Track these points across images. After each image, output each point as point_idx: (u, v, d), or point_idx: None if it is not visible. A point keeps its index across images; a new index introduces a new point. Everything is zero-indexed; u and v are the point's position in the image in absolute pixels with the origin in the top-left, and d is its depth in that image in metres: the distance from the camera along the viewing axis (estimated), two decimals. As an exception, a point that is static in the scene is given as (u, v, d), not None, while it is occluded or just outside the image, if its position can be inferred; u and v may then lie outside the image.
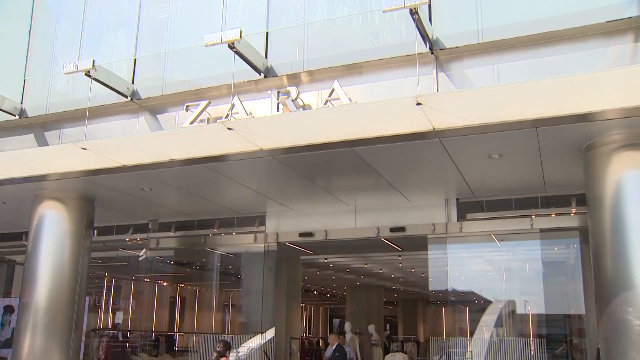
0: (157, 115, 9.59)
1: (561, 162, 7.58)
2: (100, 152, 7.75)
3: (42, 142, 10.14)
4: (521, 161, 7.73)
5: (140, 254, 12.33)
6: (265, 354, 10.39)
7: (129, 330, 16.47)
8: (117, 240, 12.47)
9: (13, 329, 13.26)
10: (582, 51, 6.93)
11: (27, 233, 9.89)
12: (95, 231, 11.33)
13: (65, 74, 8.55)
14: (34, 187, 9.32)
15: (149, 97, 9.44)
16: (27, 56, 10.43)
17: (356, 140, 6.95)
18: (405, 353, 15.22)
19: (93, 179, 8.81)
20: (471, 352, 9.54)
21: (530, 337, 9.45)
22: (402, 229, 9.82)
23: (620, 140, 6.57)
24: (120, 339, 15.49)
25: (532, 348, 9.02)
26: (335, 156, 7.63)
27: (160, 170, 8.23)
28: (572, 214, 8.93)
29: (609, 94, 5.90)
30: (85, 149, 7.54)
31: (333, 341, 12.94)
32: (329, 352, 13.06)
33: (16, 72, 10.48)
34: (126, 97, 9.41)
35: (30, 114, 10.11)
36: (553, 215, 9.08)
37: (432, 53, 7.66)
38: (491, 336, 9.79)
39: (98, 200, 9.93)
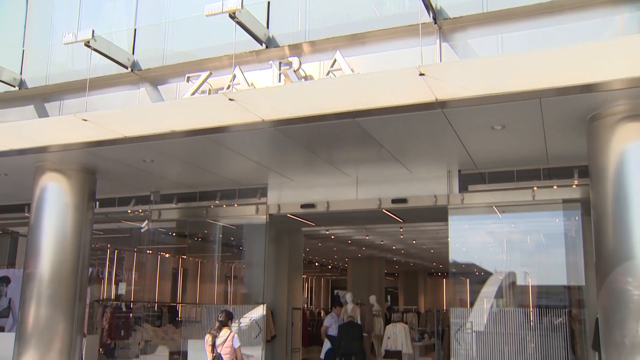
0: (158, 87, 9.55)
1: (564, 133, 7.54)
2: (101, 123, 7.73)
3: (42, 113, 10.12)
4: (524, 133, 7.69)
5: (142, 226, 12.38)
6: (258, 324, 10.49)
7: (132, 301, 16.62)
8: (119, 212, 12.50)
9: (10, 299, 13.42)
10: (588, 20, 6.86)
11: (29, 205, 9.92)
12: (97, 203, 11.35)
13: (65, 44, 8.49)
14: (35, 159, 9.32)
15: (149, 68, 9.39)
16: (25, 26, 10.33)
17: (358, 111, 6.91)
18: (406, 323, 15.36)
19: (94, 151, 8.80)
20: (471, 322, 9.62)
21: (530, 307, 9.52)
22: (404, 200, 9.82)
23: (624, 111, 6.52)
24: (124, 309, 15.63)
25: (531, 319, 9.09)
26: (337, 127, 7.60)
27: (161, 141, 8.20)
28: (574, 186, 8.92)
29: (615, 63, 5.85)
30: (86, 120, 7.52)
31: (337, 312, 13.08)
32: (328, 321, 13.15)
33: (14, 43, 10.40)
34: (126, 68, 9.35)
35: (30, 85, 10.07)
36: (555, 187, 9.07)
37: (435, 23, 7.58)
38: (491, 307, 9.86)
39: (99, 172, 9.93)
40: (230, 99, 6.74)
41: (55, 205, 9.46)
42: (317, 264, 26.68)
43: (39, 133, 8.49)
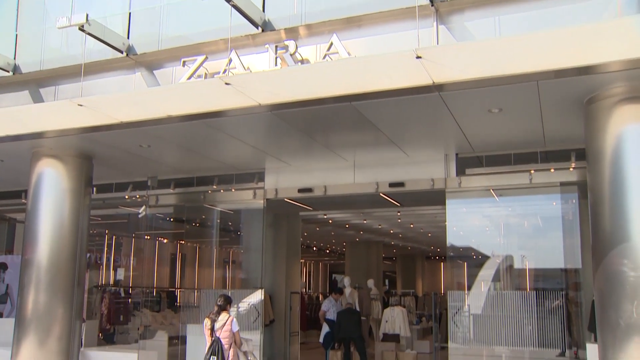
0: (154, 71, 9.50)
1: (561, 116, 7.53)
2: (97, 108, 7.70)
3: (37, 99, 10.07)
4: (521, 115, 7.68)
5: (140, 211, 12.37)
6: (256, 309, 10.53)
7: (130, 287, 16.67)
8: (117, 198, 12.49)
9: (7, 285, 13.44)
10: (586, 2, 6.81)
11: (26, 191, 9.90)
12: (95, 189, 11.33)
13: (58, 28, 8.42)
14: (31, 145, 9.28)
15: (145, 53, 9.33)
16: (17, 10, 10.24)
17: (355, 94, 6.89)
18: (404, 307, 15.44)
19: (90, 136, 8.76)
20: (469, 305, 9.67)
21: (527, 290, 9.56)
22: (401, 184, 9.82)
23: (622, 93, 6.50)
24: (122, 295, 15.68)
25: (528, 301, 9.14)
26: (334, 111, 7.58)
27: (158, 126, 8.17)
28: (571, 169, 8.92)
29: (612, 45, 5.82)
30: (81, 105, 7.49)
31: (336, 298, 13.12)
32: (326, 305, 13.20)
33: (7, 27, 10.32)
34: (122, 52, 9.29)
35: (24, 70, 10.00)
36: (552, 170, 9.08)
37: (432, 5, 7.53)
38: (489, 290, 9.90)
39: (96, 158, 9.90)
40: (226, 83, 6.71)
41: (52, 191, 9.44)
42: (315, 248, 26.75)
43: (34, 118, 8.45)
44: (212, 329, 7.48)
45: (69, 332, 9.22)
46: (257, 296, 10.66)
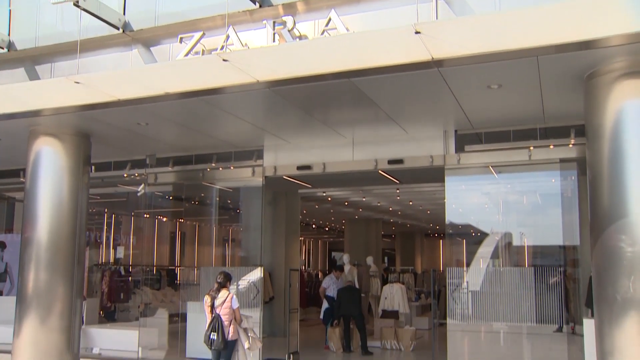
0: (151, 48, 9.40)
1: (561, 92, 7.49)
2: (94, 86, 7.64)
3: (33, 76, 9.98)
4: (521, 91, 7.64)
5: (139, 190, 12.37)
6: (255, 286, 10.59)
7: (130, 265, 16.75)
8: (115, 176, 12.48)
9: (6, 263, 13.49)
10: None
11: (24, 170, 9.88)
12: (93, 167, 11.30)
13: (53, 4, 8.32)
14: (28, 123, 9.23)
15: (141, 29, 9.23)
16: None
17: (354, 71, 6.84)
18: (403, 284, 15.53)
19: (88, 114, 8.72)
20: (467, 282, 9.72)
21: (525, 267, 9.60)
22: (400, 161, 9.80)
23: (622, 68, 6.45)
24: (123, 273, 15.76)
25: (527, 278, 9.18)
26: (332, 88, 7.53)
27: (155, 104, 8.13)
28: (570, 145, 8.90)
29: (614, 19, 5.76)
30: (78, 82, 7.43)
31: (337, 275, 13.18)
32: (326, 282, 13.28)
33: (0, 2, 10.19)
34: (118, 29, 9.19)
35: (18, 46, 9.90)
36: (551, 147, 9.05)
37: (431, -21, 7.42)
38: (487, 267, 9.95)
39: (94, 136, 9.87)
40: (224, 60, 6.66)
41: (51, 169, 9.42)
42: (314, 226, 26.82)
43: (30, 96, 8.39)
44: (212, 306, 7.52)
45: (70, 309, 9.27)
46: (256, 274, 10.70)
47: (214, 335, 7.38)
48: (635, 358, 6.11)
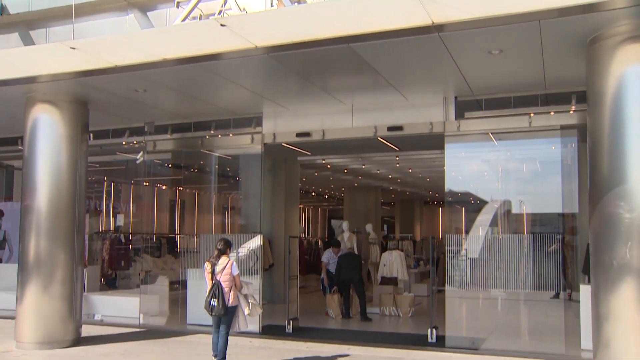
0: (147, 13, 9.29)
1: (563, 57, 7.40)
2: (90, 51, 7.55)
3: (28, 41, 9.86)
4: (522, 57, 7.55)
5: (138, 158, 12.34)
6: (255, 253, 10.64)
7: (130, 233, 16.81)
8: (114, 144, 12.43)
9: (5, 231, 13.53)
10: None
11: (22, 138, 9.84)
12: (91, 135, 11.25)
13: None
14: (24, 90, 9.15)
15: (137, -7, 9.10)
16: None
17: (353, 36, 6.76)
18: (402, 251, 15.61)
19: (85, 81, 8.64)
20: (466, 249, 9.76)
21: (524, 235, 9.62)
22: (400, 128, 9.75)
23: (626, 32, 6.36)
24: (123, 241, 15.83)
25: (525, 246, 9.22)
26: (331, 53, 7.44)
27: (153, 70, 8.06)
28: (571, 112, 8.84)
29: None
30: (74, 48, 7.33)
31: (335, 252, 13.24)
32: (326, 257, 13.34)
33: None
34: (114, -7, 9.05)
35: (12, 10, 9.74)
36: (552, 113, 9.00)
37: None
38: (486, 234, 9.98)
39: (92, 103, 9.79)
40: (221, 25, 6.56)
41: (49, 137, 9.37)
42: (313, 194, 26.84)
43: (25, 62, 8.30)
44: (213, 273, 7.55)
45: (71, 277, 9.34)
46: (256, 241, 10.74)
47: (214, 302, 7.42)
48: (630, 322, 6.18)
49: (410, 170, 18.88)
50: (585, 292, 8.22)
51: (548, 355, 8.41)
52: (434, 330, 9.46)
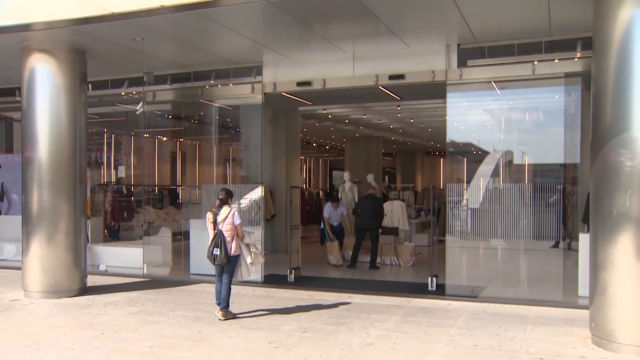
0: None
1: (570, 1, 7.22)
2: (86, -2, 7.39)
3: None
4: (527, 1, 7.37)
5: (137, 108, 12.25)
6: (257, 204, 10.68)
7: (132, 185, 16.87)
8: (113, 95, 12.33)
9: (2, 184, 13.57)
10: None
11: (19, 88, 9.73)
12: (90, 86, 11.15)
13: None
14: (19, 38, 8.99)
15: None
16: None
17: (354, -20, 6.59)
18: (403, 201, 15.69)
19: (81, 29, 8.48)
20: (467, 199, 9.79)
21: (525, 185, 9.62)
22: (401, 76, 9.63)
23: (635, -26, 6.19)
24: (125, 193, 15.90)
25: (526, 196, 9.23)
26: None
27: (151, 18, 7.89)
28: (576, 59, 8.71)
29: None
30: (69, -6, 7.17)
31: (335, 207, 13.24)
32: (327, 212, 13.33)
33: None
34: None
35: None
36: (556, 61, 8.86)
37: None
38: (487, 185, 9.99)
39: (89, 53, 9.65)
40: (219, -31, 6.40)
41: (47, 87, 9.26)
42: (314, 144, 26.82)
43: (19, 9, 8.13)
44: (215, 222, 7.59)
45: (75, 228, 9.40)
46: (257, 192, 10.77)
47: (216, 251, 7.49)
48: (626, 270, 6.23)
49: (411, 121, 18.80)
50: (584, 240, 8.28)
51: (545, 302, 8.53)
52: (434, 279, 9.58)
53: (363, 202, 12.70)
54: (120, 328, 7.20)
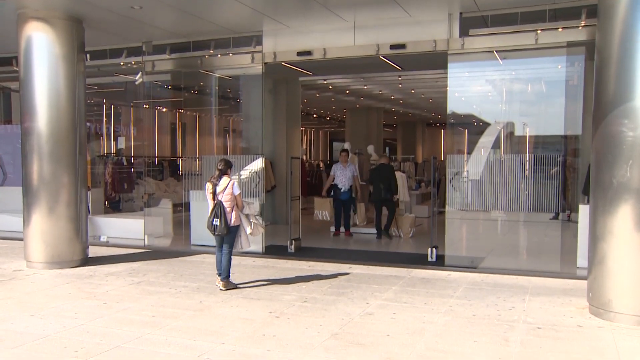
0: None
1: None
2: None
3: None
4: (532, -33, 7.27)
5: (136, 79, 12.15)
6: (257, 175, 10.66)
7: (132, 156, 16.83)
8: (112, 65, 12.22)
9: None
10: None
11: (16, 57, 9.62)
12: (88, 55, 11.04)
13: None
14: (14, 5, 8.87)
15: None
16: None
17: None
18: (403, 172, 15.67)
19: (78, -4, 8.37)
20: (467, 171, 9.76)
21: (526, 157, 9.59)
22: (403, 46, 9.52)
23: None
24: (125, 164, 15.88)
25: (526, 167, 9.21)
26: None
27: (148, -15, 7.79)
28: (580, 27, 8.59)
29: None
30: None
31: (344, 159, 13.06)
32: (334, 169, 13.20)
33: None
34: None
35: None
36: (560, 29, 8.74)
37: None
38: (488, 156, 9.95)
39: (87, 21, 9.53)
40: None
41: (44, 57, 9.15)
42: (315, 115, 26.70)
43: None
44: (214, 193, 7.59)
45: (76, 198, 9.40)
46: (258, 163, 10.75)
47: (216, 221, 7.50)
48: (625, 241, 6.24)
49: (412, 91, 18.67)
50: (583, 211, 8.29)
51: (544, 273, 8.58)
52: (434, 250, 9.61)
53: (376, 175, 12.59)
54: (122, 298, 7.25)
